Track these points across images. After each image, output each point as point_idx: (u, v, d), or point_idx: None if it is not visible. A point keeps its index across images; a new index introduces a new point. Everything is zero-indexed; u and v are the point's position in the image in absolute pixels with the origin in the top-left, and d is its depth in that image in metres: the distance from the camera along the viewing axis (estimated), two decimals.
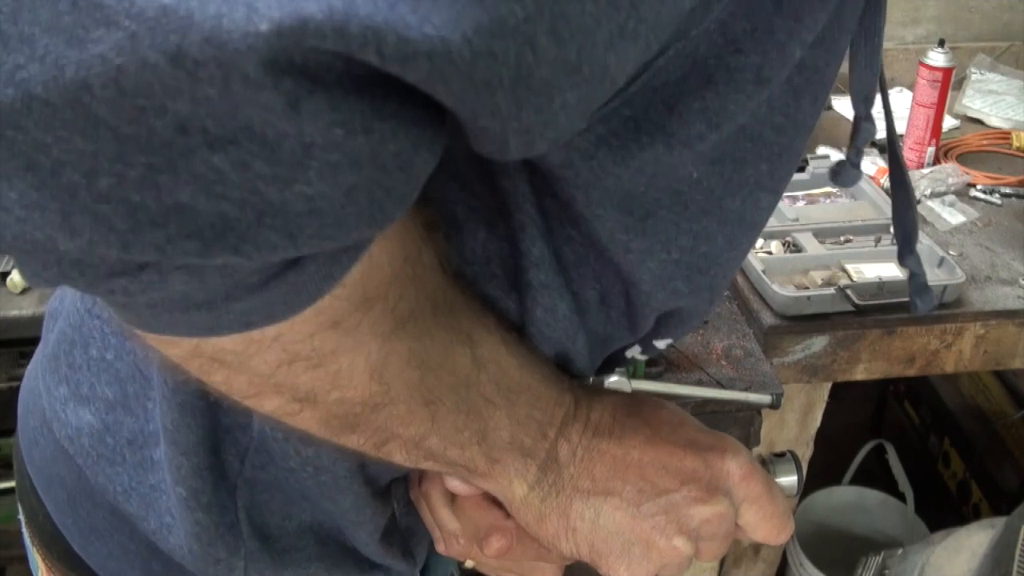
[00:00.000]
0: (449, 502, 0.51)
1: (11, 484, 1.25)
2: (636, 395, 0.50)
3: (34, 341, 0.63)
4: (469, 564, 0.54)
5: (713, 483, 0.47)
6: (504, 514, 0.49)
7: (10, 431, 0.64)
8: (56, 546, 0.59)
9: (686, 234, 0.41)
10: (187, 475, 0.50)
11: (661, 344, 0.51)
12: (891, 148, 0.51)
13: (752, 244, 0.49)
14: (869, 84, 0.45)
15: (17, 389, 0.64)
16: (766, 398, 1.05)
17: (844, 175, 0.50)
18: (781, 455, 0.55)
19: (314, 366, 0.37)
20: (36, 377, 0.60)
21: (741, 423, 1.14)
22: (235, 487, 0.51)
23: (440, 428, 0.42)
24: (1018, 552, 1.07)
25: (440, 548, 0.53)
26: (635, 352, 0.52)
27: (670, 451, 0.47)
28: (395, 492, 0.54)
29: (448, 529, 0.51)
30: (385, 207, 0.30)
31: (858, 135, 0.48)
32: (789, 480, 0.54)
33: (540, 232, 0.41)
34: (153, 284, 0.30)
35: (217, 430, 0.50)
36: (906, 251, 0.54)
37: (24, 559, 0.74)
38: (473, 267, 0.43)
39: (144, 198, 0.26)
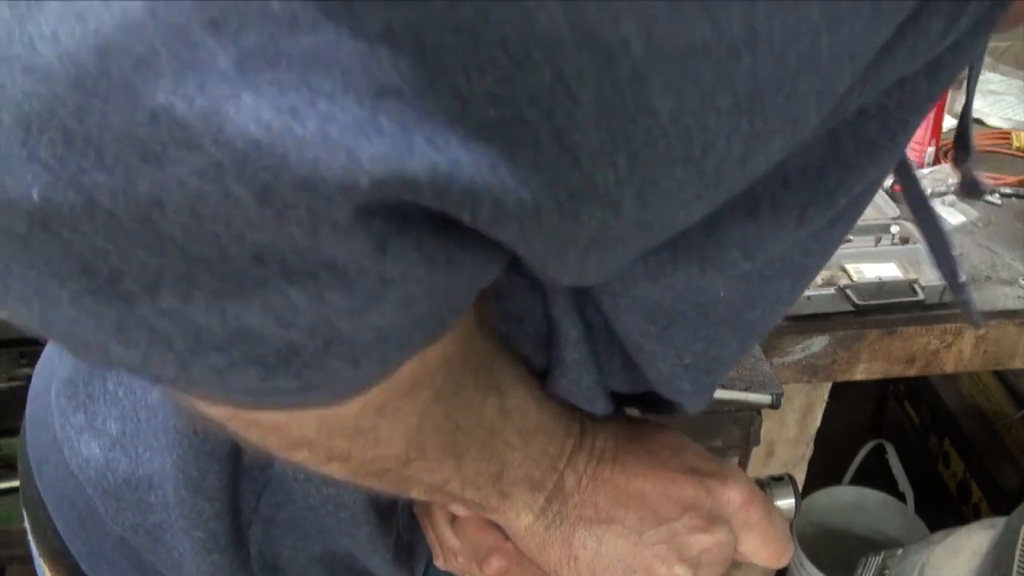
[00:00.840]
0: (451, 521, 0.51)
1: (12, 484, 1.25)
2: (636, 420, 0.50)
3: (34, 341, 0.62)
4: None
5: (714, 511, 0.47)
6: (504, 536, 0.49)
7: (10, 431, 0.64)
8: (64, 561, 0.59)
9: (702, 341, 0.42)
10: (209, 519, 0.49)
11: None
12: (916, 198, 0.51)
13: (750, 348, 0.50)
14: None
15: (17, 389, 0.63)
16: (766, 398, 1.05)
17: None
18: (779, 479, 0.55)
19: (353, 437, 0.37)
20: (47, 392, 0.59)
21: (741, 423, 1.14)
22: (249, 524, 0.51)
23: (462, 474, 0.43)
24: (1018, 552, 1.07)
25: (439, 563, 0.53)
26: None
27: (672, 478, 0.47)
28: (400, 507, 0.54)
29: (449, 546, 0.51)
30: (448, 322, 0.30)
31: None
32: (787, 503, 0.55)
33: (577, 316, 0.41)
34: (205, 384, 0.29)
35: (237, 471, 0.50)
36: (955, 288, 0.53)
37: (24, 559, 0.74)
38: (507, 325, 0.43)
39: (209, 320, 0.25)
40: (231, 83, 0.22)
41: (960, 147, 0.50)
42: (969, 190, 0.54)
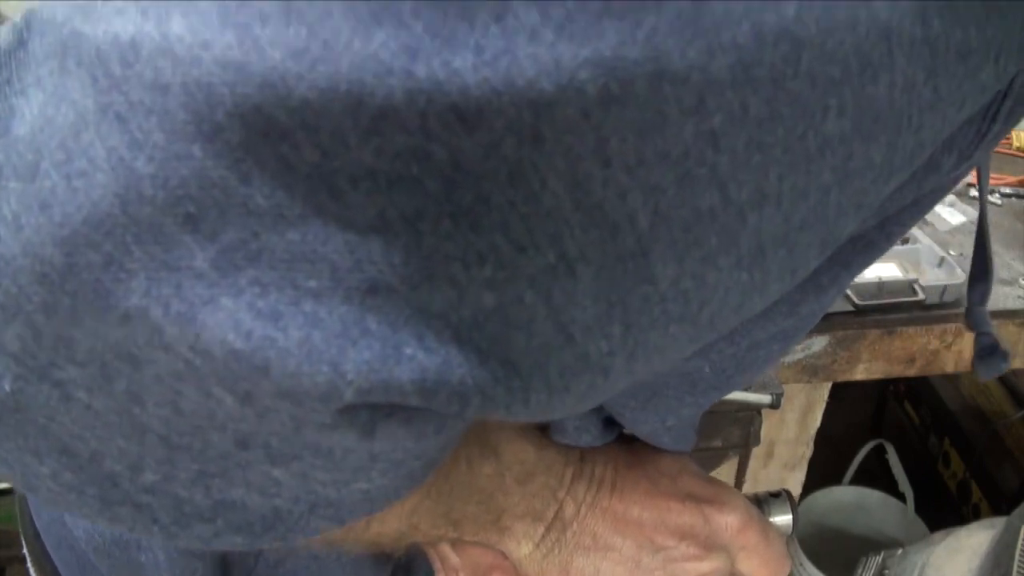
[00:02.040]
0: (451, 541, 0.51)
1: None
2: (634, 445, 0.50)
3: None
4: None
5: (711, 538, 0.48)
6: (502, 554, 0.49)
7: None
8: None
9: (689, 407, 0.42)
10: None
11: None
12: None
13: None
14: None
15: None
16: (766, 398, 1.05)
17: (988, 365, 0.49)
18: (776, 495, 0.55)
19: (343, 537, 0.37)
20: None
21: (741, 423, 1.14)
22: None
23: (460, 530, 0.43)
24: (1018, 552, 1.07)
25: None
26: None
27: (669, 506, 0.47)
28: None
29: (451, 564, 0.52)
30: (436, 467, 0.29)
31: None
32: (784, 519, 0.55)
33: None
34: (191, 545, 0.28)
35: None
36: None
37: (24, 559, 0.74)
38: None
39: (192, 495, 0.25)
40: (208, 284, 0.20)
41: (978, 272, 0.47)
42: (988, 357, 0.50)
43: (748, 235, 0.23)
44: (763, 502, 0.54)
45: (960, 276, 1.18)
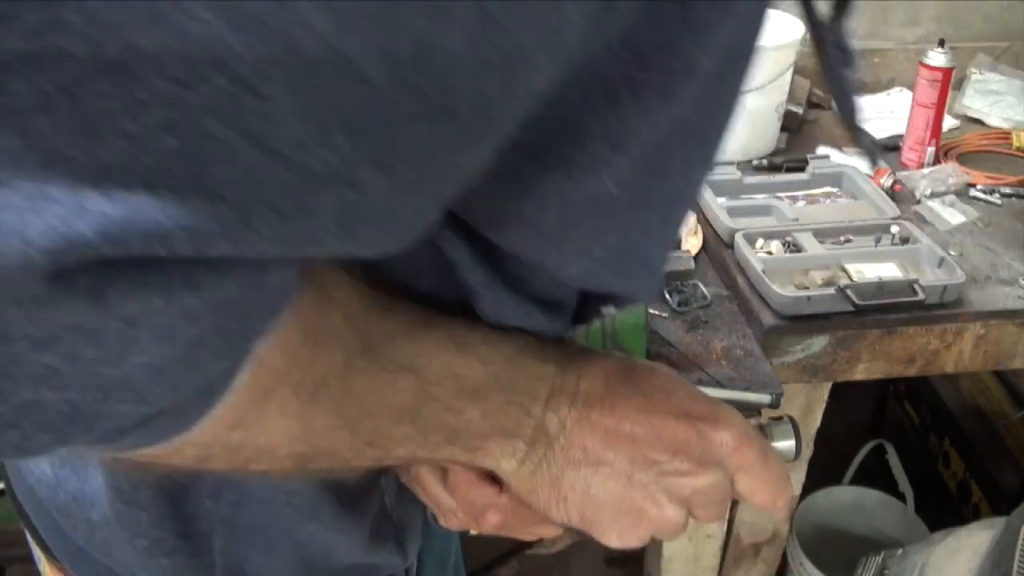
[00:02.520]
0: (441, 480, 0.50)
1: None
2: (628, 360, 0.49)
3: None
4: (473, 532, 0.55)
5: (706, 454, 0.47)
6: (497, 490, 0.49)
7: None
8: (52, 555, 0.60)
9: (612, 233, 0.40)
10: (147, 528, 0.50)
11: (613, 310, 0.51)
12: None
13: (688, 209, 0.47)
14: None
15: None
16: (766, 398, 1.05)
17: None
18: (779, 419, 0.54)
19: (235, 452, 0.36)
20: None
21: None
22: (211, 530, 0.51)
23: (396, 451, 0.42)
24: (1018, 552, 1.07)
25: (441, 522, 0.53)
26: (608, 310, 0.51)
27: (663, 421, 0.46)
28: (385, 484, 0.54)
29: (445, 506, 0.51)
30: (247, 337, 0.29)
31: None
32: (787, 444, 0.53)
33: (464, 245, 0.40)
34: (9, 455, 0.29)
35: (172, 480, 0.49)
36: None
37: (24, 559, 0.74)
38: (403, 277, 0.42)
39: None
40: None
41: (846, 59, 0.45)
42: (871, 154, 0.51)
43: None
44: (765, 427, 0.53)
45: (960, 276, 1.18)
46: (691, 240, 1.32)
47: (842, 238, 1.29)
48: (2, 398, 0.25)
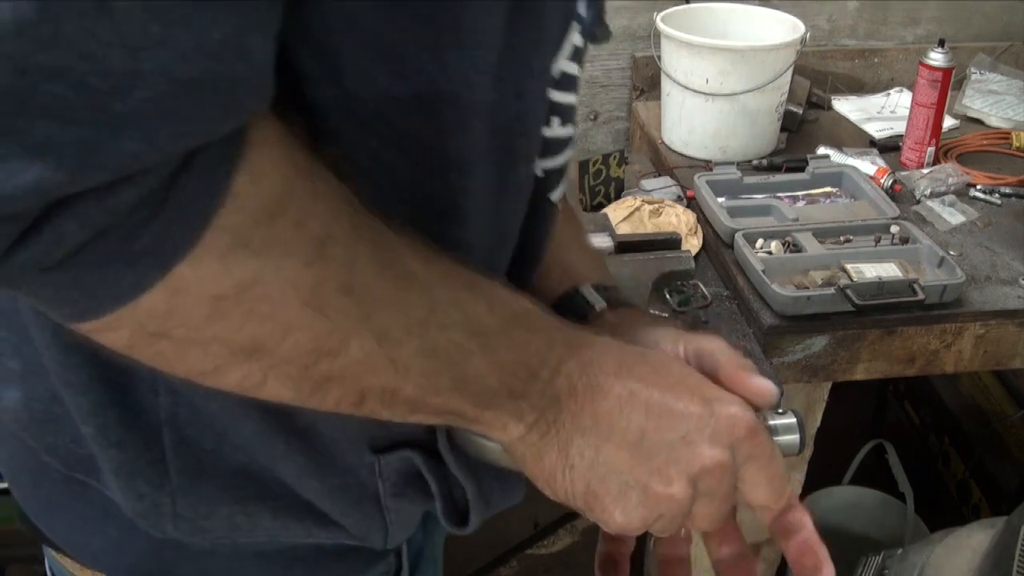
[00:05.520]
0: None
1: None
2: (643, 345, 0.49)
3: None
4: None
5: (717, 431, 0.46)
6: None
7: None
8: (39, 534, 0.60)
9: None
10: (88, 414, 0.49)
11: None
12: None
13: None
14: None
15: None
16: None
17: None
18: (783, 414, 0.53)
19: (245, 310, 0.36)
20: None
21: None
22: (159, 423, 0.50)
23: (408, 375, 0.41)
24: (1018, 552, 1.07)
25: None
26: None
27: (676, 395, 0.46)
28: (384, 469, 0.53)
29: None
30: (236, 95, 0.31)
31: None
32: (791, 438, 0.53)
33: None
34: (51, 243, 0.30)
35: (113, 367, 0.49)
36: None
37: (24, 559, 0.74)
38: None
39: (3, 150, 0.28)
40: None
41: None
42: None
43: None
44: (769, 420, 0.52)
45: (960, 276, 1.18)
46: (691, 240, 1.33)
47: (842, 238, 1.29)
48: (19, 139, 0.28)
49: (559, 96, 0.51)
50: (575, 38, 0.50)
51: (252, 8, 0.31)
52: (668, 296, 1.20)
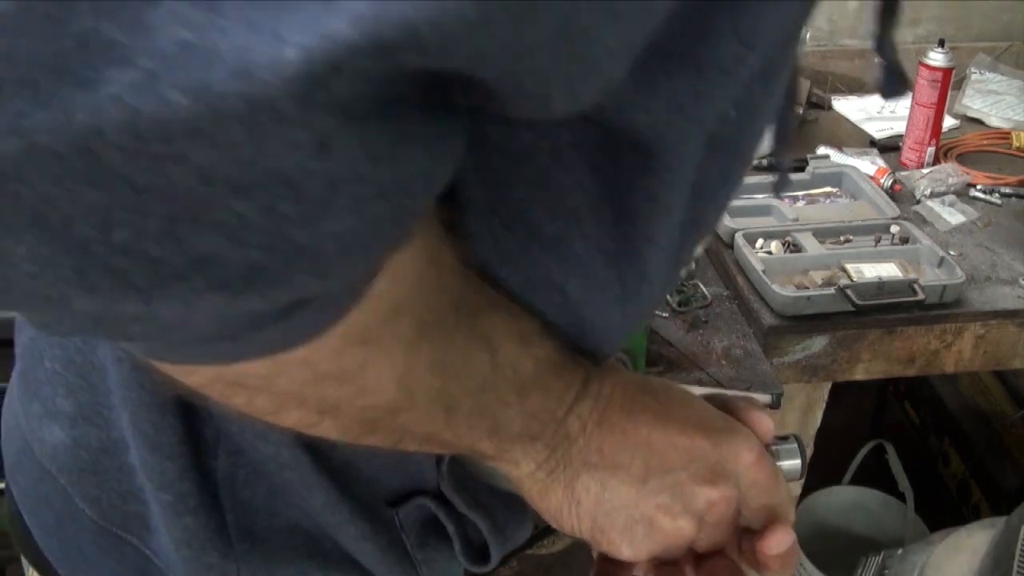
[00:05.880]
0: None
1: None
2: (644, 375, 0.49)
3: None
4: None
5: (721, 464, 0.46)
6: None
7: None
8: (45, 568, 0.58)
9: (709, 181, 0.40)
10: (173, 480, 0.48)
11: None
12: None
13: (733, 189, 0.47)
14: None
15: None
16: (766, 398, 1.05)
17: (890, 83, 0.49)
18: (785, 438, 0.54)
19: (341, 382, 0.36)
20: (13, 395, 0.58)
21: None
22: (216, 486, 0.50)
23: (454, 427, 0.42)
24: (1018, 552, 1.07)
25: None
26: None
27: (680, 428, 0.46)
28: (404, 522, 0.53)
29: None
30: (407, 225, 0.29)
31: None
32: (793, 463, 0.53)
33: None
34: (174, 328, 0.28)
35: (193, 424, 0.48)
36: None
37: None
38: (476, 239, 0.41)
39: (165, 251, 0.25)
40: None
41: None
42: (892, 84, 0.51)
43: None
44: (771, 445, 0.53)
45: (960, 276, 1.18)
46: None
47: (842, 238, 1.29)
48: (180, 247, 0.25)
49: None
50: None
51: (448, 146, 0.29)
52: (668, 296, 1.20)
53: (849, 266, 1.20)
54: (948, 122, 1.60)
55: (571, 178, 0.38)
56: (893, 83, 0.51)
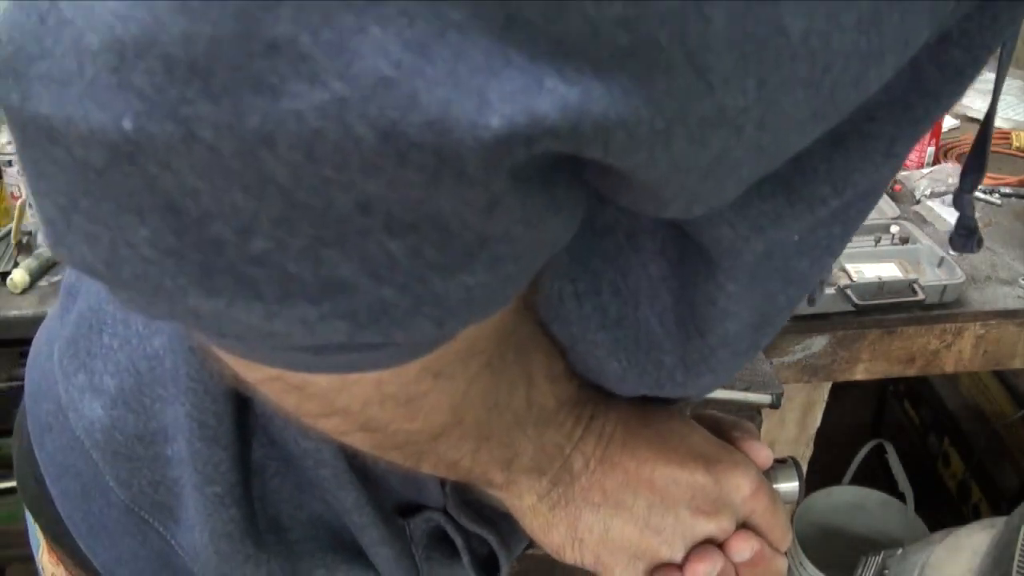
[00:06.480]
0: None
1: (12, 484, 1.25)
2: (643, 404, 0.49)
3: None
4: None
5: (721, 499, 0.47)
6: None
7: (10, 431, 0.63)
8: (63, 541, 0.57)
9: (762, 296, 0.40)
10: (226, 471, 0.48)
11: None
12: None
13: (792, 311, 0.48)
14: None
15: (17, 389, 0.62)
16: (766, 398, 1.05)
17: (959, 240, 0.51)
18: (782, 461, 0.54)
19: (400, 404, 0.36)
20: (50, 357, 0.57)
21: None
22: (249, 477, 0.49)
23: (479, 456, 0.42)
24: (1018, 552, 1.07)
25: None
26: None
27: (682, 463, 0.47)
28: (413, 533, 0.53)
29: None
30: (523, 283, 0.29)
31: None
32: (790, 486, 0.54)
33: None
34: (272, 336, 0.27)
35: (245, 415, 0.48)
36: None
37: (24, 559, 0.74)
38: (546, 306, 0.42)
39: (302, 269, 0.24)
40: (357, 13, 0.21)
41: (975, 161, 0.48)
42: (963, 238, 0.53)
43: None
44: (770, 468, 0.53)
45: (960, 276, 1.18)
46: None
47: None
48: (317, 269, 0.24)
49: None
50: None
51: (576, 216, 0.28)
52: None
53: (849, 266, 1.21)
54: (948, 122, 1.60)
55: (639, 259, 0.38)
56: (965, 238, 0.54)
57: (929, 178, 1.45)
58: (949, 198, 1.42)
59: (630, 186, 0.27)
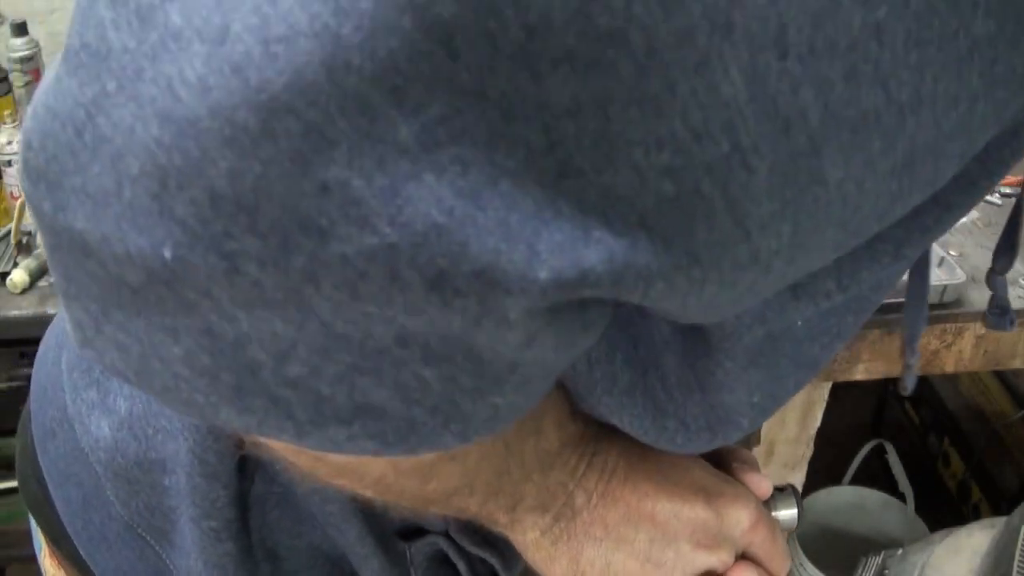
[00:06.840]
0: None
1: (12, 484, 1.25)
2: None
3: (34, 341, 0.62)
4: None
5: (722, 533, 0.47)
6: None
7: (10, 431, 0.63)
8: (63, 545, 0.58)
9: (770, 379, 0.41)
10: (223, 507, 0.49)
11: None
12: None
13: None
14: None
15: (17, 389, 0.62)
16: None
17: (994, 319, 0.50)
18: (782, 489, 0.55)
19: (413, 476, 0.36)
20: (57, 363, 0.57)
21: None
22: (248, 509, 0.50)
23: (486, 506, 0.43)
24: (1018, 552, 1.07)
25: None
26: None
27: (683, 497, 0.47)
28: (414, 557, 0.54)
29: None
30: (546, 391, 0.29)
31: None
32: (789, 514, 0.55)
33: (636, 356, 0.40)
34: (316, 448, 0.27)
35: (242, 457, 0.49)
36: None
37: (24, 559, 0.74)
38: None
39: (335, 393, 0.24)
40: (412, 159, 0.20)
41: (1007, 241, 0.49)
42: (997, 316, 0.53)
43: (905, 140, 0.24)
44: (770, 498, 0.54)
45: (960, 276, 1.18)
46: None
47: None
48: (351, 394, 0.24)
49: None
50: None
51: (603, 326, 0.29)
52: None
53: None
54: None
55: (647, 326, 0.38)
56: (998, 317, 0.54)
57: None
58: None
59: (657, 310, 0.27)
